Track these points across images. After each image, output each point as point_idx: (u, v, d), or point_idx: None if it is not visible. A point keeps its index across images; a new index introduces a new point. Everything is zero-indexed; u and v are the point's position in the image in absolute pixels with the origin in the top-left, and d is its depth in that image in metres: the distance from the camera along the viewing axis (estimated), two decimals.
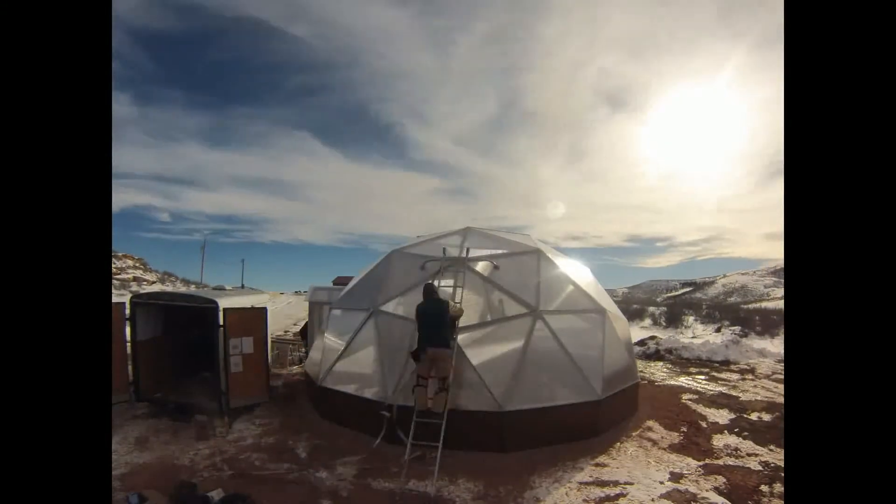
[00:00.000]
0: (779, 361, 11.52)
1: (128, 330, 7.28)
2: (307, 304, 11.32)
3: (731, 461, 5.47)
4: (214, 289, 10.03)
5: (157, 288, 29.75)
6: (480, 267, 7.32)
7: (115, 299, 7.42)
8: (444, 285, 6.82)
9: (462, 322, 6.34)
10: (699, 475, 5.07)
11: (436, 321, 5.60)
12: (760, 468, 5.26)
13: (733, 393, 8.58)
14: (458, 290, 6.67)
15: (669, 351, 12.76)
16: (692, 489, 4.69)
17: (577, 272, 7.79)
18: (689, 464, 5.38)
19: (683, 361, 12.00)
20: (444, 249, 7.36)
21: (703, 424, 6.76)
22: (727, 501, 4.47)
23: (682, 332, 20.61)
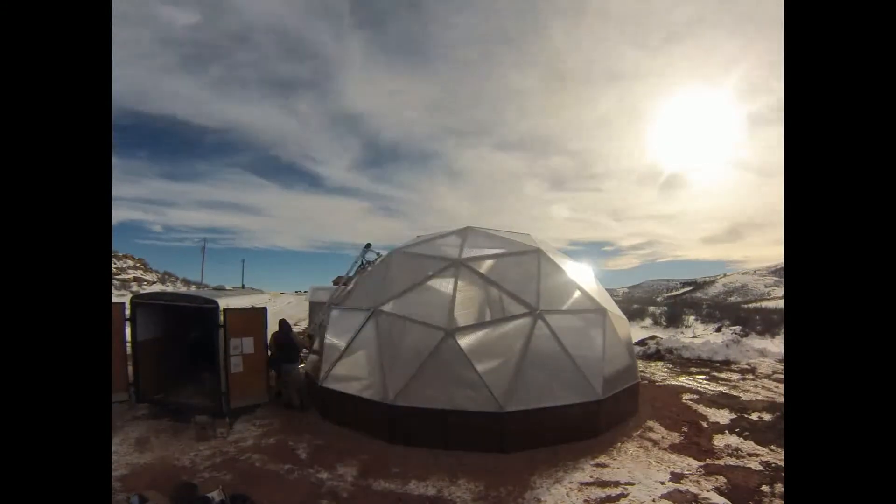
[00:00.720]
0: (779, 361, 11.51)
1: (128, 330, 7.28)
2: (307, 304, 11.32)
3: (731, 461, 5.47)
4: (215, 289, 10.02)
5: (157, 288, 29.75)
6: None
7: (115, 299, 7.42)
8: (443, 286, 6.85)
9: (462, 322, 6.36)
10: (700, 475, 5.07)
11: (288, 346, 7.65)
12: (761, 468, 5.26)
13: (734, 393, 8.57)
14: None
15: (670, 351, 12.75)
16: (693, 489, 4.69)
17: (577, 272, 7.79)
18: (689, 464, 5.38)
19: (684, 361, 11.99)
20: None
21: (704, 424, 6.76)
22: (728, 502, 4.47)
23: (682, 332, 20.57)
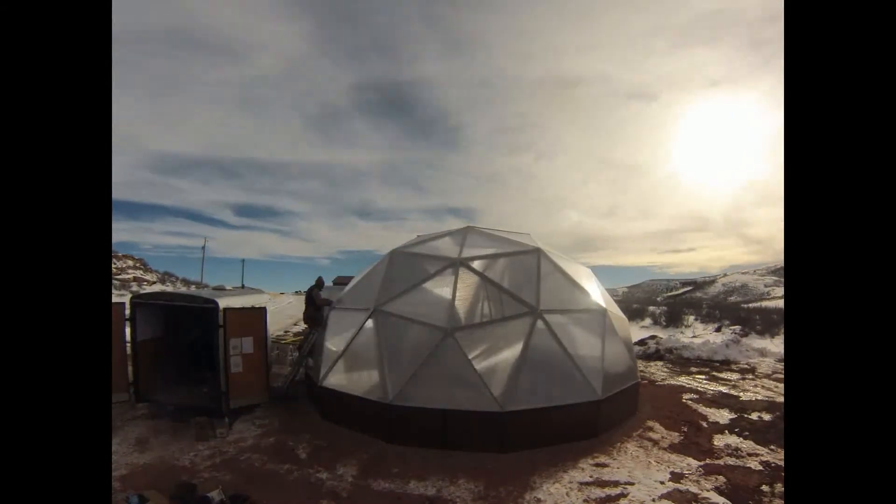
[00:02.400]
0: (779, 361, 11.52)
1: (128, 330, 7.27)
2: None
3: (731, 461, 5.47)
4: (215, 289, 10.01)
5: (157, 288, 29.72)
6: None
7: (115, 299, 7.41)
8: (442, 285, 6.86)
9: (462, 321, 6.36)
10: (700, 475, 5.07)
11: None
12: (761, 468, 5.26)
13: (734, 392, 8.58)
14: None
15: (670, 350, 12.75)
16: (693, 489, 4.69)
17: (577, 272, 7.79)
18: (689, 464, 5.38)
19: (684, 361, 11.99)
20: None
21: (704, 424, 6.76)
22: (728, 501, 4.47)
23: (682, 332, 20.58)
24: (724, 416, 7.14)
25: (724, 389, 8.84)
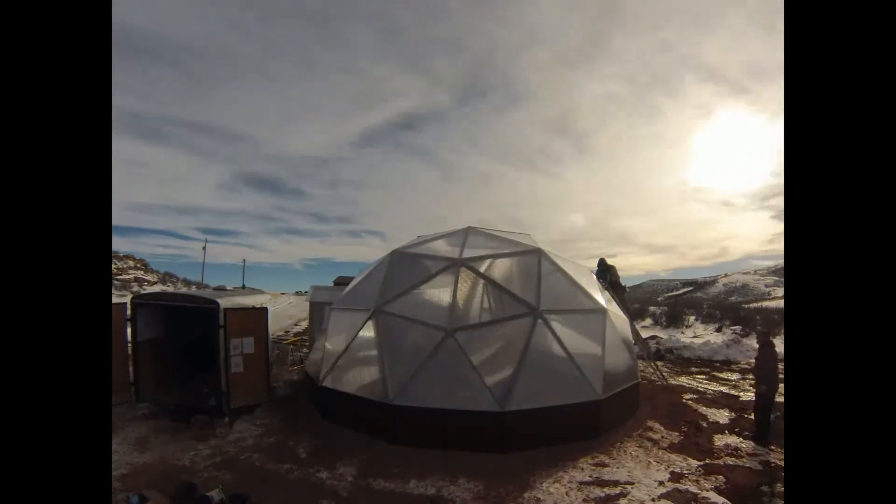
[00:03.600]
0: (779, 361, 11.50)
1: (129, 330, 7.28)
2: (308, 304, 11.33)
3: (731, 461, 5.47)
4: (215, 289, 10.01)
5: (158, 288, 29.70)
6: None
7: (115, 300, 7.43)
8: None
9: (462, 322, 6.35)
10: (700, 475, 5.07)
11: None
12: (761, 468, 5.26)
13: (734, 392, 8.58)
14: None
15: (670, 350, 12.74)
16: (693, 489, 4.69)
17: (577, 272, 7.78)
18: (689, 464, 5.38)
19: (684, 361, 11.98)
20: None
21: (704, 424, 6.76)
22: (727, 501, 4.47)
23: (682, 332, 20.56)
24: (724, 416, 7.14)
25: (724, 389, 8.84)
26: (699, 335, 18.83)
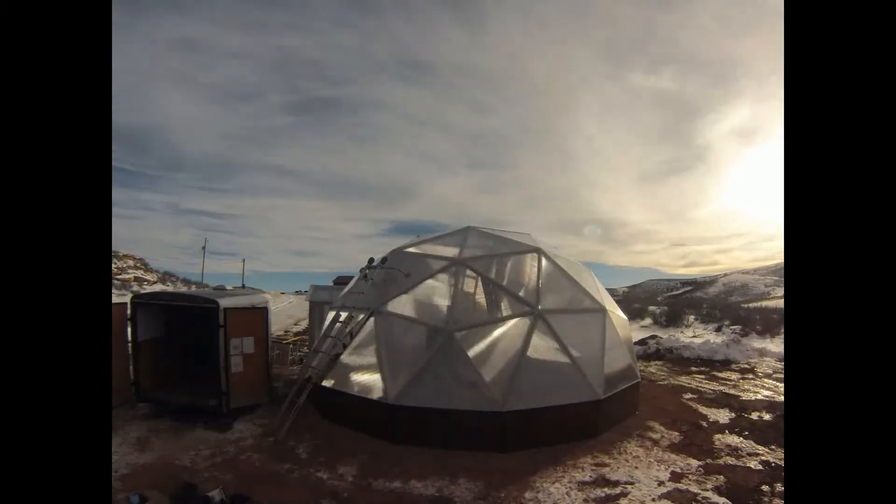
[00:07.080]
0: (779, 361, 11.51)
1: (129, 330, 7.28)
2: (308, 303, 11.33)
3: (731, 461, 5.47)
4: (215, 289, 10.00)
5: (157, 288, 29.75)
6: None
7: (115, 299, 7.42)
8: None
9: (462, 321, 6.35)
10: (700, 475, 5.07)
11: None
12: (761, 468, 5.26)
13: (734, 392, 8.58)
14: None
15: (670, 350, 12.74)
16: (693, 489, 4.69)
17: (577, 271, 7.79)
18: (689, 463, 5.38)
19: (684, 361, 11.99)
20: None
21: (704, 424, 6.76)
22: (728, 501, 4.47)
23: (682, 332, 20.56)
24: (724, 415, 7.14)
25: (724, 389, 8.84)
26: (699, 335, 18.84)
